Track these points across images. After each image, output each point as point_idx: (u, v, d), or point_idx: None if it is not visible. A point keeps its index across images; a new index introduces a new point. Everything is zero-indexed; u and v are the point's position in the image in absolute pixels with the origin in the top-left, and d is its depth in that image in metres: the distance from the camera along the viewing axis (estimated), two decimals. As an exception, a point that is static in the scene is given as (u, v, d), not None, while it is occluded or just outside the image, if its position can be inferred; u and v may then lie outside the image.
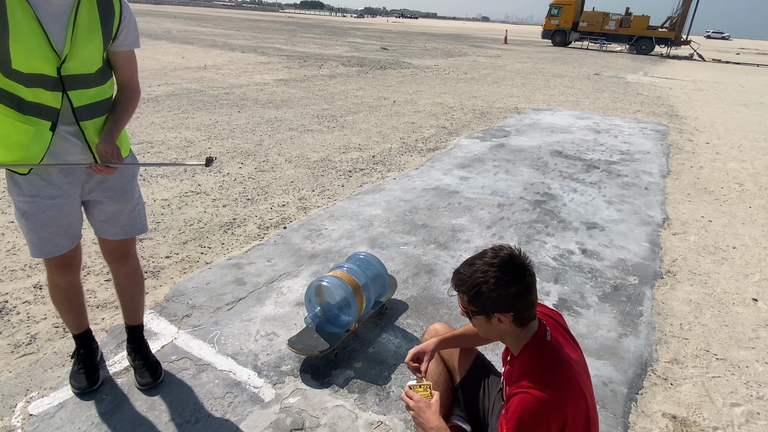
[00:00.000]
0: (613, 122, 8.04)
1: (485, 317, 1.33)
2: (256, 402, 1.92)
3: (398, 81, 11.36)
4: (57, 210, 1.61)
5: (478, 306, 1.32)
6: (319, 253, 3.15)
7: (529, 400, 1.23)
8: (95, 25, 1.50)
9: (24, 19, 1.37)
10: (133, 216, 1.81)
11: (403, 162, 5.24)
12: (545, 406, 1.22)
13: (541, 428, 1.22)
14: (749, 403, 2.09)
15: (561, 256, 3.29)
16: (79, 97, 1.53)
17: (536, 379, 1.26)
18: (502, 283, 1.26)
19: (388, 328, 2.44)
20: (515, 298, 1.27)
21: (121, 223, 1.79)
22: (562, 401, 1.24)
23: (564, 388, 1.25)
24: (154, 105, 7.20)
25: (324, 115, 7.30)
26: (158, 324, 2.35)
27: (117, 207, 1.75)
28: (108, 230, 1.78)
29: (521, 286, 1.27)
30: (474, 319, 1.37)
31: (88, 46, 1.49)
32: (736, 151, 6.60)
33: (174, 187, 4.11)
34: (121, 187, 1.73)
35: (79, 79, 1.51)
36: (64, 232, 1.66)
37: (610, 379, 2.16)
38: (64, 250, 1.69)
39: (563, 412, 1.24)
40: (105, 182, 1.69)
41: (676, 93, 12.30)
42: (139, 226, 1.84)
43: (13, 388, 1.91)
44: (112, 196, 1.72)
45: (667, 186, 4.93)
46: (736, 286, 3.08)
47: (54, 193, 1.59)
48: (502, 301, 1.27)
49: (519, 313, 1.29)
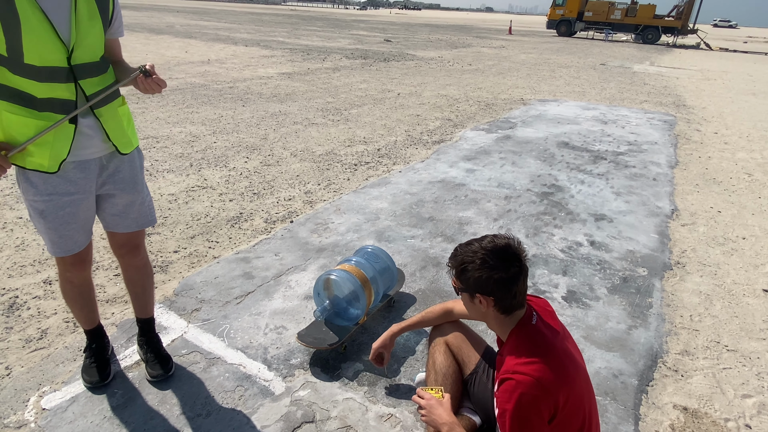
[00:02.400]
0: (619, 113, 7.96)
1: (469, 295, 1.41)
2: (267, 395, 1.93)
3: (402, 73, 11.30)
4: (74, 206, 1.61)
5: (463, 283, 1.40)
6: (327, 246, 3.15)
7: (515, 386, 1.23)
8: (94, 11, 1.50)
9: (32, 11, 1.36)
10: (144, 207, 1.81)
11: (408, 155, 5.22)
12: (532, 389, 1.22)
13: (532, 411, 1.21)
14: (761, 395, 2.08)
15: (569, 248, 3.27)
16: (90, 85, 1.54)
17: (521, 363, 1.26)
18: (487, 267, 1.32)
19: (397, 321, 2.43)
20: (497, 284, 1.32)
21: (134, 215, 1.79)
22: (549, 383, 1.23)
23: (550, 371, 1.25)
24: (159, 100, 7.19)
25: (328, 108, 7.27)
26: (168, 318, 2.36)
27: (129, 198, 1.75)
28: (121, 223, 1.78)
29: (505, 275, 1.32)
30: (461, 296, 1.46)
31: (92, 33, 1.50)
32: (744, 141, 6.53)
33: (180, 182, 4.12)
34: (131, 179, 1.74)
35: (88, 67, 1.52)
36: (81, 228, 1.67)
37: (620, 371, 2.15)
38: (82, 246, 1.70)
39: (552, 395, 1.24)
40: (117, 174, 1.69)
41: (683, 83, 12.16)
42: (150, 218, 1.85)
43: (26, 383, 1.93)
44: (124, 188, 1.72)
45: (675, 177, 4.89)
46: (747, 277, 3.05)
47: (71, 189, 1.59)
48: (483, 284, 1.34)
49: (500, 300, 1.35)
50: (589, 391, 1.41)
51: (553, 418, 1.26)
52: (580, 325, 2.47)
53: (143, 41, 14.61)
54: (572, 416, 1.31)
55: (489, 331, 2.31)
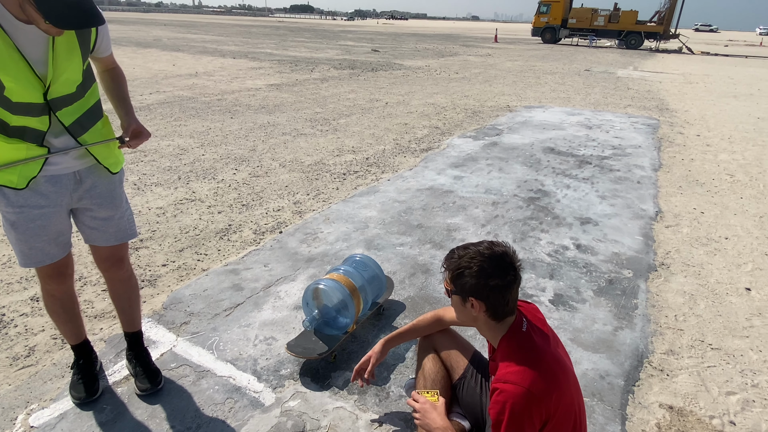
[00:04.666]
0: (604, 117, 8.09)
1: (461, 299, 1.41)
2: (257, 406, 1.93)
3: (390, 82, 11.39)
4: (45, 219, 1.62)
5: (457, 287, 1.40)
6: (316, 256, 3.16)
7: (508, 394, 1.25)
8: (74, 45, 1.48)
9: (7, 51, 1.35)
10: (123, 222, 1.81)
11: (396, 163, 5.26)
12: (524, 398, 1.24)
13: (525, 420, 1.23)
14: (744, 391, 2.12)
15: (556, 252, 3.32)
16: (66, 114, 1.54)
17: (513, 372, 1.28)
18: (484, 274, 1.34)
19: (386, 329, 2.46)
20: (492, 291, 1.34)
21: (112, 230, 1.79)
22: (541, 391, 1.25)
23: (542, 379, 1.27)
24: (147, 113, 7.19)
25: (317, 118, 7.31)
26: (156, 332, 2.36)
27: (107, 213, 1.76)
28: (100, 237, 1.79)
29: (501, 282, 1.34)
30: (452, 299, 1.46)
31: (69, 68, 1.48)
32: (726, 143, 6.66)
33: (168, 195, 4.11)
34: (109, 194, 1.74)
35: (63, 99, 1.51)
36: (53, 241, 1.67)
37: (606, 372, 2.19)
38: (54, 259, 1.70)
39: (545, 403, 1.26)
40: (94, 189, 1.69)
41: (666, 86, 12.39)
42: (130, 231, 1.86)
43: (13, 401, 1.91)
44: (101, 203, 1.73)
45: (659, 179, 4.97)
46: (730, 276, 3.11)
47: (42, 202, 1.59)
48: (479, 289, 1.35)
49: (493, 306, 1.36)
50: (579, 395, 1.44)
51: (545, 424, 1.28)
52: (567, 327, 2.50)
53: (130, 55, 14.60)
54: (564, 420, 1.33)
55: (477, 336, 2.33)
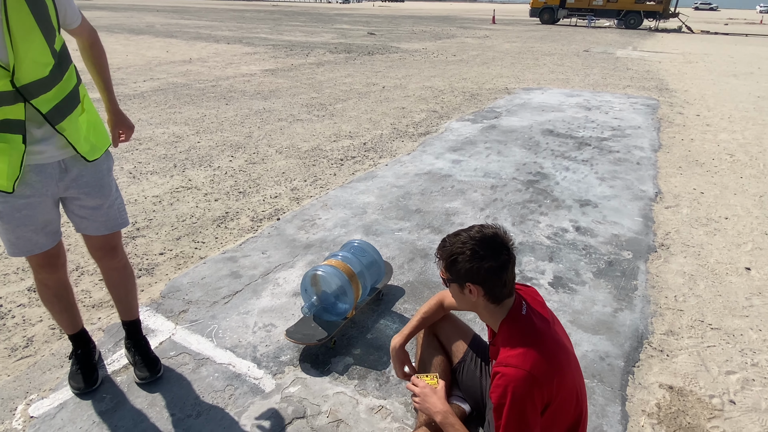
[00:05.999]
0: (603, 98, 8.02)
1: (458, 286, 1.40)
2: (257, 393, 1.93)
3: (387, 66, 11.26)
4: (31, 209, 1.59)
5: (453, 274, 1.39)
6: (314, 242, 3.15)
7: (509, 378, 1.24)
8: (30, 24, 1.39)
9: None
10: (113, 210, 1.78)
11: (394, 148, 5.21)
12: (526, 381, 1.23)
13: (527, 403, 1.23)
14: (744, 371, 2.12)
15: (555, 235, 3.30)
16: (44, 102, 1.48)
17: (514, 355, 1.28)
18: (477, 257, 1.33)
19: (386, 314, 2.45)
20: (487, 273, 1.33)
21: (102, 219, 1.76)
22: (542, 374, 1.25)
23: (543, 362, 1.27)
24: (141, 101, 7.10)
25: (313, 104, 7.23)
26: (155, 321, 2.35)
27: (96, 202, 1.72)
28: (90, 226, 1.76)
29: (495, 264, 1.33)
30: (450, 287, 1.44)
31: (32, 49, 1.40)
32: (726, 122, 6.61)
33: (164, 183, 4.08)
34: (97, 183, 1.71)
35: (36, 85, 1.44)
36: (41, 231, 1.65)
37: (606, 354, 2.19)
38: (43, 248, 1.68)
39: (546, 386, 1.25)
40: (81, 179, 1.66)
41: (666, 66, 12.26)
42: (121, 220, 1.83)
43: (12, 392, 1.91)
44: (89, 192, 1.69)
45: (658, 160, 4.94)
46: (729, 256, 3.10)
47: (27, 192, 1.56)
48: (474, 274, 1.34)
49: (490, 289, 1.35)
50: (580, 377, 1.44)
51: (547, 407, 1.28)
52: (567, 310, 2.50)
53: (123, 42, 14.39)
54: (566, 402, 1.33)
55: (476, 319, 2.33)
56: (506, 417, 1.24)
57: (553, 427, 1.34)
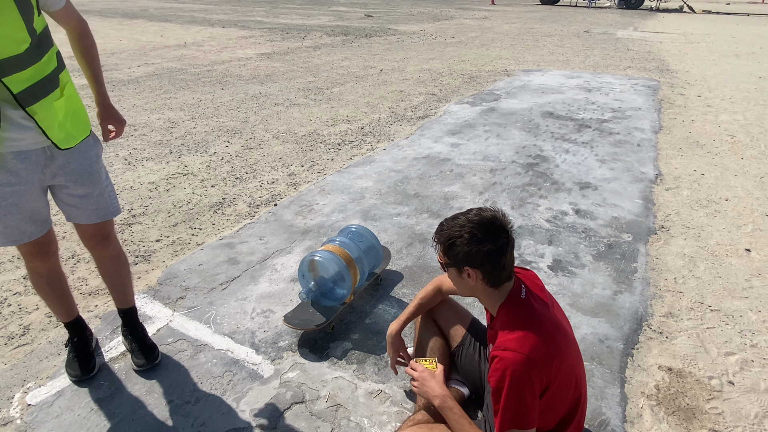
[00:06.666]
0: (604, 80, 7.92)
1: (457, 270, 1.37)
2: (256, 378, 1.92)
3: (384, 49, 11.10)
4: (17, 197, 1.55)
5: (451, 258, 1.37)
6: (312, 228, 3.12)
7: (508, 361, 1.23)
8: None
9: None
10: (103, 199, 1.74)
11: (392, 132, 5.16)
12: (524, 365, 1.22)
13: (525, 386, 1.22)
14: (743, 352, 2.12)
15: (554, 218, 3.28)
16: (15, 82, 1.40)
17: (513, 339, 1.26)
18: (475, 240, 1.31)
19: (384, 299, 2.44)
20: (486, 257, 1.31)
21: (92, 207, 1.72)
22: (541, 358, 1.24)
23: (541, 345, 1.26)
24: (135, 86, 7.01)
25: (310, 87, 7.14)
26: (152, 308, 2.34)
27: (84, 190, 1.68)
28: (80, 215, 1.73)
29: (494, 247, 1.31)
30: (448, 271, 1.42)
31: (6, 23, 1.34)
32: (727, 103, 6.54)
33: (160, 170, 4.03)
34: (85, 170, 1.66)
35: (9, 62, 1.37)
36: (29, 219, 1.62)
37: (606, 336, 2.18)
38: (33, 237, 1.65)
39: (545, 369, 1.24)
40: (68, 166, 1.62)
41: (667, 47, 12.10)
42: (112, 209, 1.78)
43: (9, 380, 1.90)
44: (77, 179, 1.65)
45: (659, 141, 4.89)
46: (729, 237, 3.08)
47: (12, 180, 1.52)
48: (472, 257, 1.32)
49: (489, 272, 1.33)
50: (579, 360, 1.43)
51: (546, 390, 1.27)
52: (566, 293, 2.49)
53: (117, 27, 14.16)
54: (565, 385, 1.32)
55: (475, 303, 2.32)
56: (504, 400, 1.23)
57: (552, 410, 1.34)
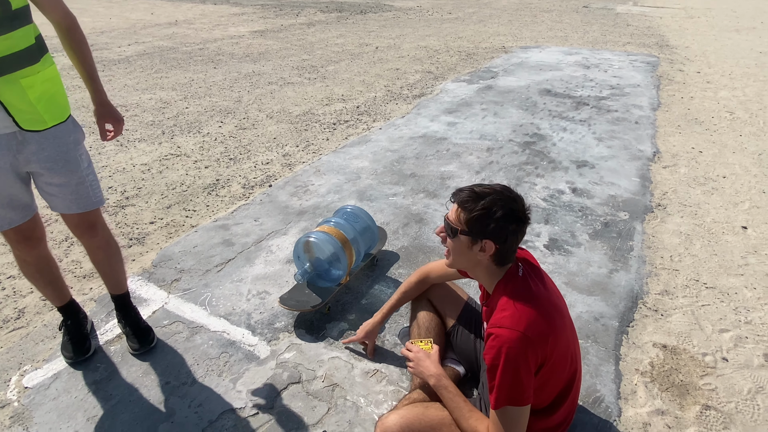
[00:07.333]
0: (602, 56, 7.81)
1: (471, 240, 1.33)
2: (252, 359, 1.93)
3: (380, 25, 10.89)
4: None
5: (472, 227, 1.31)
6: (307, 209, 3.10)
7: (503, 339, 1.23)
8: None
9: None
10: (83, 188, 1.66)
11: (388, 111, 5.09)
12: (520, 342, 1.22)
13: (520, 362, 1.22)
14: (737, 328, 2.13)
15: (551, 197, 3.26)
16: None
17: (508, 316, 1.26)
18: (509, 218, 1.29)
19: (380, 279, 2.43)
20: (510, 235, 1.30)
21: (71, 197, 1.65)
22: (536, 335, 1.23)
23: (537, 323, 1.25)
24: (126, 66, 6.87)
25: (304, 66, 7.02)
26: (147, 290, 2.33)
27: (61, 179, 1.60)
28: (60, 204, 1.67)
29: (518, 227, 1.31)
30: (455, 240, 1.36)
31: None
32: (727, 79, 6.47)
33: (153, 151, 3.98)
34: (60, 157, 1.58)
35: None
36: (7, 205, 1.57)
37: (601, 314, 2.19)
38: (14, 223, 1.61)
39: (540, 346, 1.24)
40: (41, 152, 1.54)
41: (667, 22, 11.91)
42: (94, 199, 1.70)
43: (6, 363, 1.90)
44: (51, 167, 1.57)
45: (657, 119, 4.85)
46: (726, 215, 3.08)
47: None
48: (499, 232, 1.29)
49: (505, 250, 1.32)
50: (574, 338, 1.43)
51: (541, 367, 1.27)
52: (562, 271, 2.49)
53: (106, 5, 13.83)
54: (560, 363, 1.33)
55: (470, 283, 2.31)
56: (500, 377, 1.23)
57: (547, 387, 1.34)
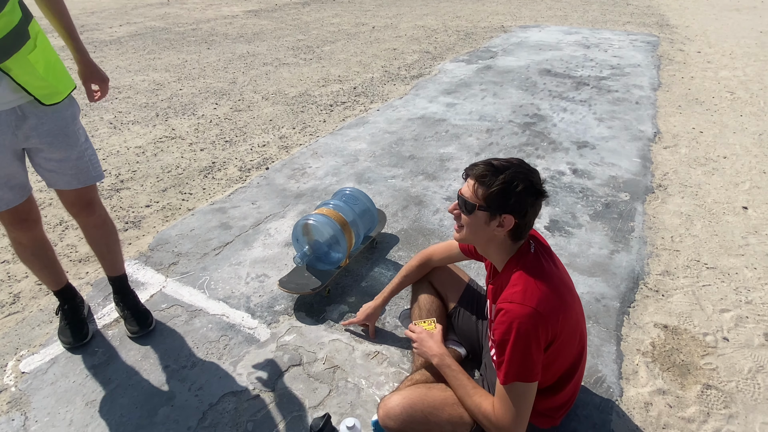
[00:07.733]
0: (602, 36, 7.70)
1: (489, 215, 1.28)
2: (252, 342, 1.91)
3: (377, 4, 10.69)
4: None
5: (492, 202, 1.27)
6: (305, 192, 3.06)
7: (514, 314, 1.21)
8: None
9: None
10: (83, 162, 1.64)
11: (386, 92, 5.01)
12: (531, 318, 1.20)
13: (531, 338, 1.20)
14: (738, 308, 2.13)
15: (552, 178, 3.23)
16: None
17: (520, 291, 1.24)
18: (530, 192, 1.26)
19: (380, 262, 2.41)
20: (530, 209, 1.27)
21: (71, 172, 1.63)
22: (548, 312, 1.22)
23: (549, 299, 1.24)
24: (118, 47, 6.73)
25: (300, 46, 6.89)
26: (145, 274, 2.30)
27: (61, 154, 1.58)
28: (59, 180, 1.64)
29: (537, 202, 1.29)
30: (471, 216, 1.31)
31: None
32: (727, 59, 6.40)
33: (147, 133, 3.91)
34: (60, 131, 1.56)
35: None
36: (4, 185, 1.53)
37: (602, 295, 2.18)
38: (10, 204, 1.57)
39: (551, 323, 1.23)
40: (41, 127, 1.51)
41: (667, 1, 11.74)
42: (94, 173, 1.69)
43: (2, 348, 1.88)
44: (51, 141, 1.55)
45: (658, 99, 4.80)
46: (727, 195, 3.06)
47: None
48: (520, 206, 1.26)
49: (523, 225, 1.30)
50: (582, 317, 1.42)
51: (551, 344, 1.26)
52: (563, 253, 2.47)
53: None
54: (569, 340, 1.32)
55: (471, 264, 2.30)
56: (510, 353, 1.21)
57: (554, 365, 1.33)
